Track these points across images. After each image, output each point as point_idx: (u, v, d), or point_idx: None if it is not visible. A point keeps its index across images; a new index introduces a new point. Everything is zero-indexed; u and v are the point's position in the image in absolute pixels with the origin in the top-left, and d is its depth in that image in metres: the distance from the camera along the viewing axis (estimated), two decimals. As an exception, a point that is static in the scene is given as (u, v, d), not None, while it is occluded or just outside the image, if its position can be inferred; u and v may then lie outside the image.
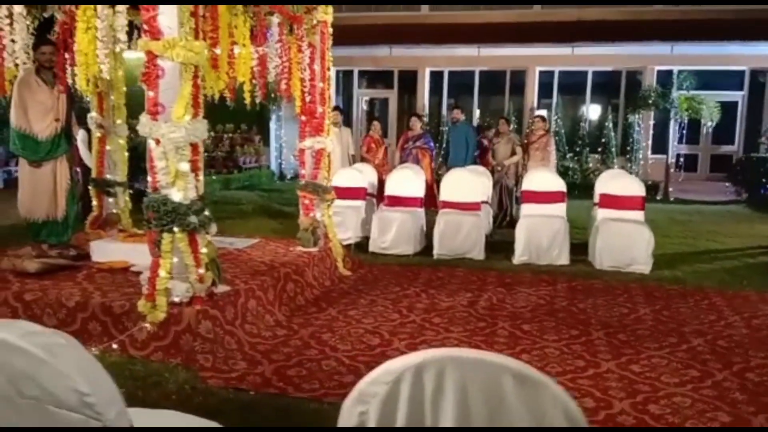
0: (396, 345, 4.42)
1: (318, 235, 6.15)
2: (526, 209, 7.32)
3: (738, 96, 15.75)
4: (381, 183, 9.03)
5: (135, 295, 4.36)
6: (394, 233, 7.24)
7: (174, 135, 3.86)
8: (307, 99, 5.78)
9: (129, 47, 4.49)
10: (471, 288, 5.96)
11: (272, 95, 8.28)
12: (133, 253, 5.28)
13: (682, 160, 15.37)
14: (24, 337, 1.38)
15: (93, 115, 6.30)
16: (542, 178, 7.53)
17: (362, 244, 7.57)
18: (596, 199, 7.62)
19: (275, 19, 5.14)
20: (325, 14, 5.83)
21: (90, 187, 6.56)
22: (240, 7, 4.53)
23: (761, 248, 7.98)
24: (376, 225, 7.35)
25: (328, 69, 5.99)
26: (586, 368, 4.09)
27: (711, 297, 5.80)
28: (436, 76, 16.95)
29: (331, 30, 5.93)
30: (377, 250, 7.30)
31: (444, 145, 14.41)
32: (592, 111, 16.48)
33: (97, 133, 6.35)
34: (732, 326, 4.97)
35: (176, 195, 3.96)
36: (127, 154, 6.62)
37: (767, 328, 4.92)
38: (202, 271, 4.17)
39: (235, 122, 16.63)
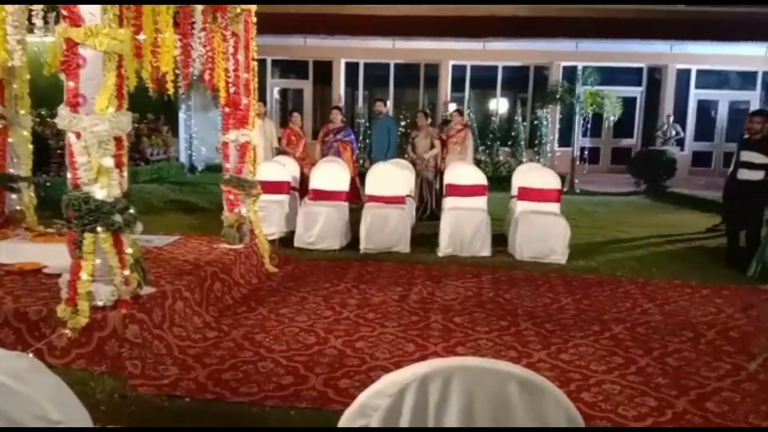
0: (332, 343, 4.37)
1: (243, 232, 5.97)
2: (450, 202, 7.43)
3: (637, 92, 16.72)
4: (302, 176, 8.91)
5: (52, 300, 4.06)
6: (320, 228, 7.16)
7: (97, 128, 3.61)
8: (231, 90, 5.58)
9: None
10: (400, 282, 5.98)
11: (194, 86, 7.95)
12: (45, 254, 4.93)
13: (586, 152, 16.13)
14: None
15: (-8, 104, 5.79)
16: (465, 171, 7.67)
17: (286, 239, 7.43)
18: (514, 191, 7.85)
19: (199, 7, 4.91)
20: (250, 3, 5.64)
21: (-11, 183, 6.03)
22: (163, -7, 4.29)
23: (664, 237, 8.51)
24: (301, 219, 7.23)
25: (253, 59, 5.81)
26: (519, 358, 4.20)
27: (625, 285, 6.12)
28: (351, 68, 16.88)
29: (255, 19, 5.75)
30: (303, 245, 7.19)
31: (362, 138, 14.42)
32: (502, 105, 16.97)
33: (-3, 124, 5.85)
34: (647, 313, 5.26)
35: (99, 192, 3.71)
36: (31, 147, 6.15)
37: (679, 314, 5.24)
38: (127, 272, 3.94)
39: (141, 112, 15.85)
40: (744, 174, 6.77)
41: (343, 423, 1.32)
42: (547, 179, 7.48)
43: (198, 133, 15.65)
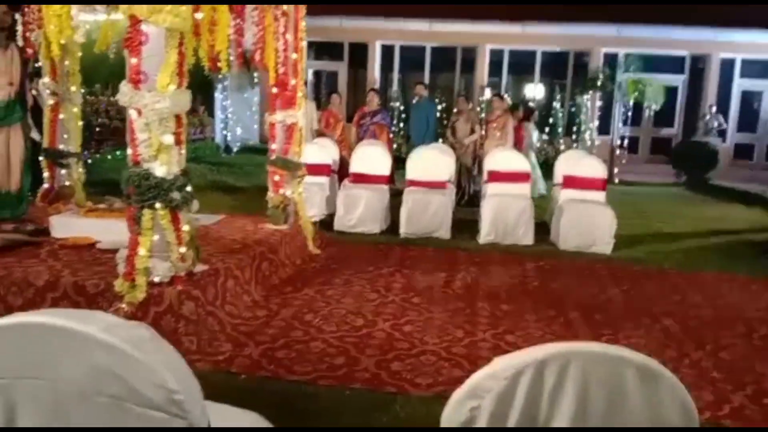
0: (381, 326, 4.38)
1: (288, 213, 5.99)
2: (492, 188, 7.35)
3: (679, 80, 16.33)
4: (341, 159, 8.91)
5: (107, 274, 4.13)
6: (360, 211, 7.16)
7: (159, 105, 3.64)
8: (281, 70, 5.57)
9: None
10: (443, 267, 5.96)
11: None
12: (97, 229, 5.01)
13: (625, 141, 15.85)
14: (107, 330, 1.25)
15: (45, 81, 5.87)
16: (507, 157, 7.59)
17: (326, 222, 7.45)
18: (558, 179, 7.75)
19: (253, -15, 4.90)
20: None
21: (41, 158, 6.14)
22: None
23: (708, 229, 8.34)
24: (342, 202, 7.24)
25: (302, 39, 5.80)
26: (571, 348, 4.16)
27: (672, 277, 6.02)
28: (387, 50, 16.78)
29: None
30: (343, 228, 7.20)
31: (396, 122, 14.36)
32: (540, 91, 16.72)
33: (49, 101, 5.93)
34: (697, 306, 5.17)
35: (159, 170, 3.75)
36: (81, 123, 6.24)
37: (730, 308, 5.14)
38: (183, 249, 3.99)
39: (178, 91, 15.98)
40: None
41: (452, 403, 1.31)
42: (593, 167, 7.37)
43: (233, 113, 15.72)
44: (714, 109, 14.97)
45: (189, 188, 3.96)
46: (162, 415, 1.27)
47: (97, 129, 11.91)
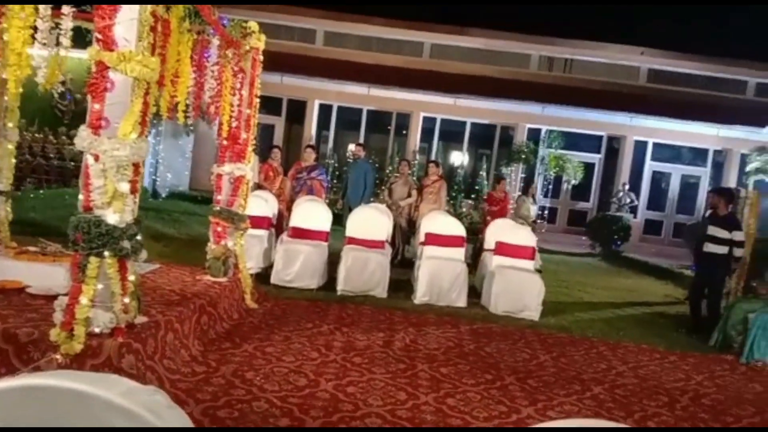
0: (324, 386, 4.34)
1: (229, 265, 5.92)
2: (429, 251, 7.54)
3: (596, 158, 17.43)
4: (279, 213, 8.90)
5: (41, 322, 3.92)
6: (299, 266, 7.14)
7: (117, 153, 3.58)
8: (234, 124, 5.61)
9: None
10: (381, 327, 6.00)
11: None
12: (28, 273, 4.77)
13: (545, 212, 16.63)
14: (126, 395, 1.23)
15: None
16: (444, 221, 7.82)
17: (262, 276, 7.37)
18: (489, 245, 8.03)
19: (215, 41, 4.97)
20: (259, 41, 5.74)
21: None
22: (187, 24, 4.34)
23: (626, 301, 8.82)
24: (281, 256, 7.20)
25: (257, 96, 5.88)
26: (509, 413, 4.28)
27: (597, 346, 6.30)
28: (324, 109, 17.08)
29: (261, 57, 5.85)
30: (280, 283, 7.15)
31: (330, 179, 14.49)
32: (468, 159, 17.40)
33: (-17, 136, 5.68)
34: (622, 375, 5.43)
35: (112, 217, 3.66)
36: (14, 161, 5.99)
37: (652, 378, 5.43)
38: (127, 300, 3.87)
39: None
40: (709, 247, 7.13)
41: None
42: (524, 237, 7.71)
43: (165, 159, 15.43)
44: (627, 186, 16.02)
45: (139, 237, 3.88)
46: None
47: (19, 165, 11.39)
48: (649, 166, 17.41)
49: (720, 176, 17.08)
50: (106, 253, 3.69)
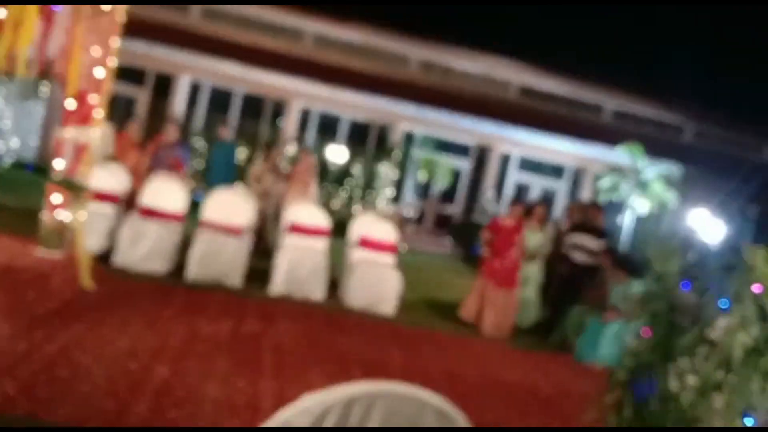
0: (158, 370, 4.07)
1: (64, 239, 5.42)
2: (290, 240, 7.35)
3: (465, 165, 18.08)
4: (132, 190, 8.31)
5: None
6: (146, 247, 6.67)
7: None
8: (82, 86, 5.13)
9: None
10: (230, 315, 5.76)
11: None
12: None
13: (413, 212, 16.99)
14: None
15: None
16: (309, 211, 7.67)
17: (106, 255, 6.82)
18: (353, 238, 7.99)
19: (64, -8, 4.52)
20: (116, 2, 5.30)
21: None
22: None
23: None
24: (127, 235, 6.68)
25: (112, 57, 5.43)
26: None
27: (445, 342, 6.46)
28: (195, 87, 16.35)
29: (122, 20, 5.41)
30: (125, 264, 6.63)
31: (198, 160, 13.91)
32: (343, 154, 17.37)
33: None
34: (465, 370, 5.58)
35: None
36: None
37: (493, 374, 5.65)
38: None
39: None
40: (577, 256, 7.53)
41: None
42: (386, 231, 7.73)
43: (12, 124, 14.04)
44: (491, 194, 16.76)
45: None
46: None
47: None
48: (513, 176, 18.33)
49: (576, 191, 18.34)
50: None
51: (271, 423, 1.27)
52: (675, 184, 16.08)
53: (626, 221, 16.38)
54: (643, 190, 16.07)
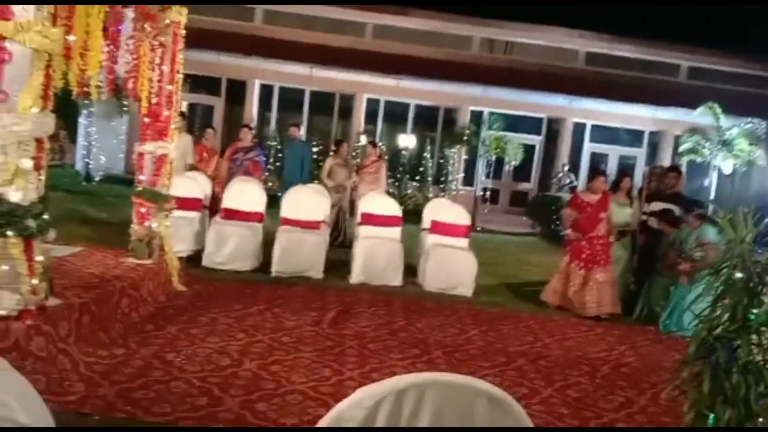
0: (247, 365, 4.30)
1: (153, 247, 5.77)
2: (364, 231, 7.53)
3: (536, 140, 17.72)
4: (213, 194, 8.72)
5: (-57, 306, 3.75)
6: (231, 248, 7.03)
7: (18, 128, 3.42)
8: (153, 101, 5.44)
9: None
10: (314, 307, 5.97)
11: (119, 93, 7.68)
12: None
13: (487, 193, 16.85)
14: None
15: None
16: (381, 202, 7.82)
17: (194, 258, 7.23)
18: (426, 224, 8.07)
19: (129, 14, 4.80)
20: (179, 15, 5.58)
21: None
22: (97, -5, 4.17)
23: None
24: (212, 238, 7.07)
25: (179, 72, 5.72)
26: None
27: (526, 320, 6.43)
28: (265, 90, 16.80)
29: (184, 32, 5.68)
30: (212, 265, 7.02)
31: (272, 161, 14.34)
32: (412, 141, 17.43)
33: None
34: (548, 347, 5.56)
35: (14, 195, 3.50)
36: None
37: (576, 350, 5.58)
38: (35, 281, 3.72)
39: (37, 114, 14.94)
40: (654, 223, 7.24)
41: (317, 432, 1.36)
42: (458, 215, 7.77)
43: (98, 141, 14.94)
44: (566, 167, 16.34)
45: (46, 216, 3.73)
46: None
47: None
48: (588, 147, 17.80)
49: (655, 156, 17.59)
50: (10, 233, 3.54)
51: (327, 417, 1.36)
52: (761, 140, 15.16)
53: (712, 182, 15.61)
54: (727, 150, 15.25)
